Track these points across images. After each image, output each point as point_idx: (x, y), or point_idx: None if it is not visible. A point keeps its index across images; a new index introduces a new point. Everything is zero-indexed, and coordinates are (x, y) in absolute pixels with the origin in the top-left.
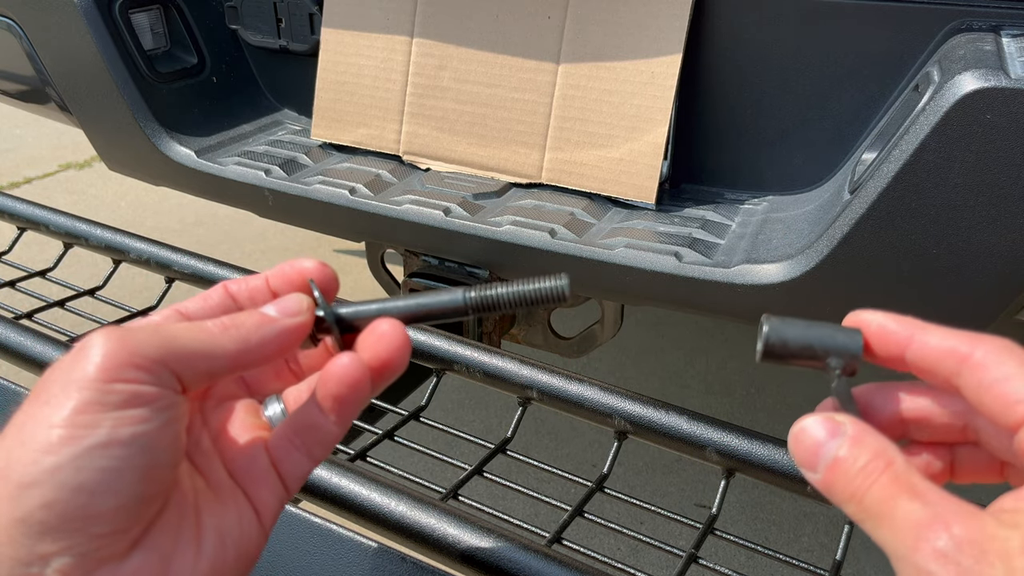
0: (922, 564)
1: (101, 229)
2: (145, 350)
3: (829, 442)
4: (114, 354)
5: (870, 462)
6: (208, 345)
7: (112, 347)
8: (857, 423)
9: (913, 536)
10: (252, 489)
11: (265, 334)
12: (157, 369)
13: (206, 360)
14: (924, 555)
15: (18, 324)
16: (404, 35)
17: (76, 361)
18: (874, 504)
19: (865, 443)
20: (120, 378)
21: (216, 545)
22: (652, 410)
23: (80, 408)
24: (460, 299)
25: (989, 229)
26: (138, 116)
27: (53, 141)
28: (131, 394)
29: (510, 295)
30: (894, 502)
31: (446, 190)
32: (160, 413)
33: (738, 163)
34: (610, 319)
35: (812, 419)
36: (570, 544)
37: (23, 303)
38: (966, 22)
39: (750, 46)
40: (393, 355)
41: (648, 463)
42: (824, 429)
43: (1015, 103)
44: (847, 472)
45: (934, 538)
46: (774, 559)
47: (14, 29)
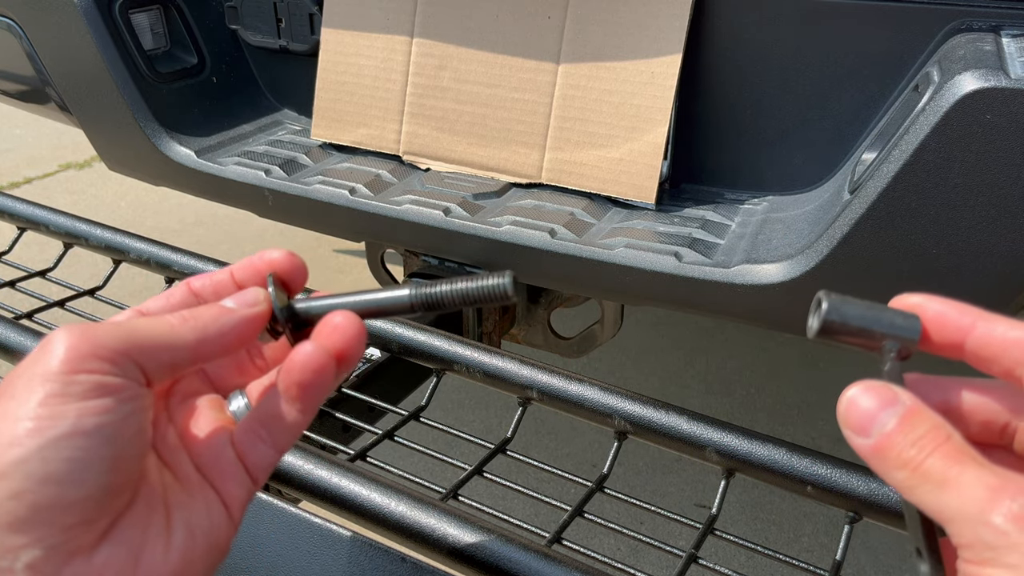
0: (999, 524)
1: (101, 229)
2: (107, 342)
3: (886, 409)
4: (77, 346)
5: (928, 432)
6: (168, 336)
7: (74, 340)
8: (914, 398)
9: (986, 498)
10: (219, 482)
11: (223, 324)
12: (120, 360)
13: (167, 351)
14: (1000, 515)
15: (18, 324)
16: (404, 35)
17: (40, 356)
18: (937, 469)
19: (924, 415)
20: (83, 369)
21: (186, 537)
22: (652, 410)
23: (44, 400)
24: (406, 297)
25: (989, 229)
26: (138, 116)
27: (53, 141)
28: (95, 384)
29: (453, 293)
30: (961, 467)
31: (446, 190)
32: (124, 404)
33: (738, 163)
34: (610, 319)
35: (868, 384)
36: (570, 544)
37: (23, 303)
38: (966, 22)
39: (750, 46)
40: (349, 343)
41: (648, 463)
42: (878, 398)
43: (1015, 103)
44: (903, 441)
45: (1009, 500)
46: (774, 559)
47: (14, 29)
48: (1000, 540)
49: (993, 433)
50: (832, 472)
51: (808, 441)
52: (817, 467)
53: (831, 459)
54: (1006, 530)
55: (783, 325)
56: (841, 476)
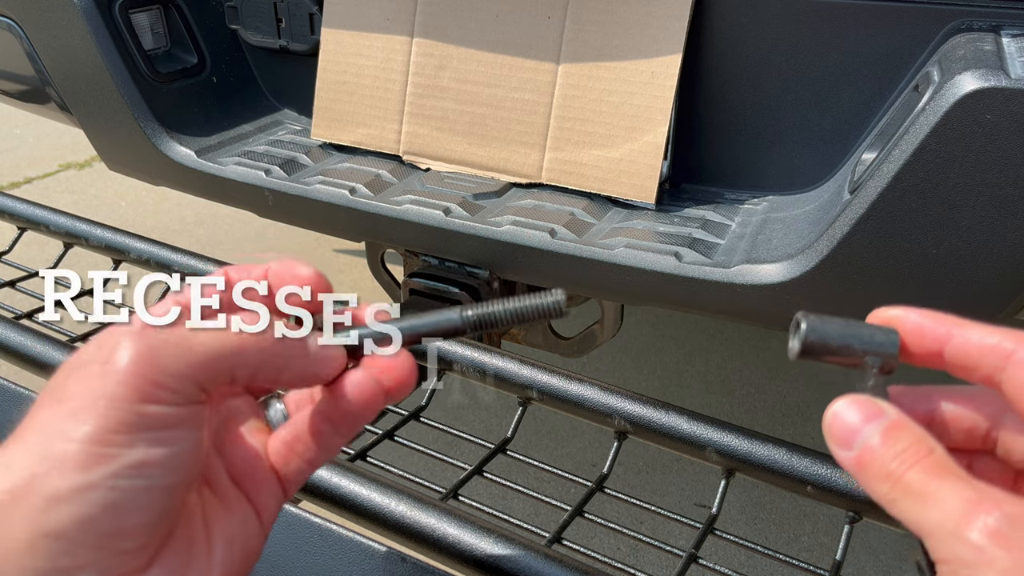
0: (974, 539)
1: (101, 229)
2: (175, 367)
3: (869, 423)
4: (145, 372)
5: (911, 446)
6: (236, 359)
7: (142, 363)
8: (899, 412)
9: (963, 513)
10: (253, 492)
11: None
12: (187, 387)
13: (230, 372)
14: (977, 531)
15: (18, 324)
16: (404, 35)
17: (104, 373)
18: (917, 483)
19: (907, 428)
20: (152, 398)
21: (225, 551)
22: (652, 410)
23: (113, 427)
24: (457, 319)
25: (989, 229)
26: (138, 116)
27: (53, 141)
28: (163, 416)
29: (506, 312)
30: (940, 481)
31: (446, 190)
32: (189, 431)
33: (738, 163)
34: (610, 319)
35: (854, 398)
36: (570, 544)
37: (23, 303)
38: (966, 22)
39: (750, 46)
40: (404, 380)
41: (648, 463)
42: (867, 410)
43: (1015, 103)
44: (885, 454)
45: (986, 515)
46: (774, 559)
47: (14, 29)
48: (976, 556)
49: (977, 440)
50: (832, 472)
51: (808, 441)
52: (817, 467)
53: (831, 459)
54: (982, 545)
55: (783, 325)
56: (841, 476)
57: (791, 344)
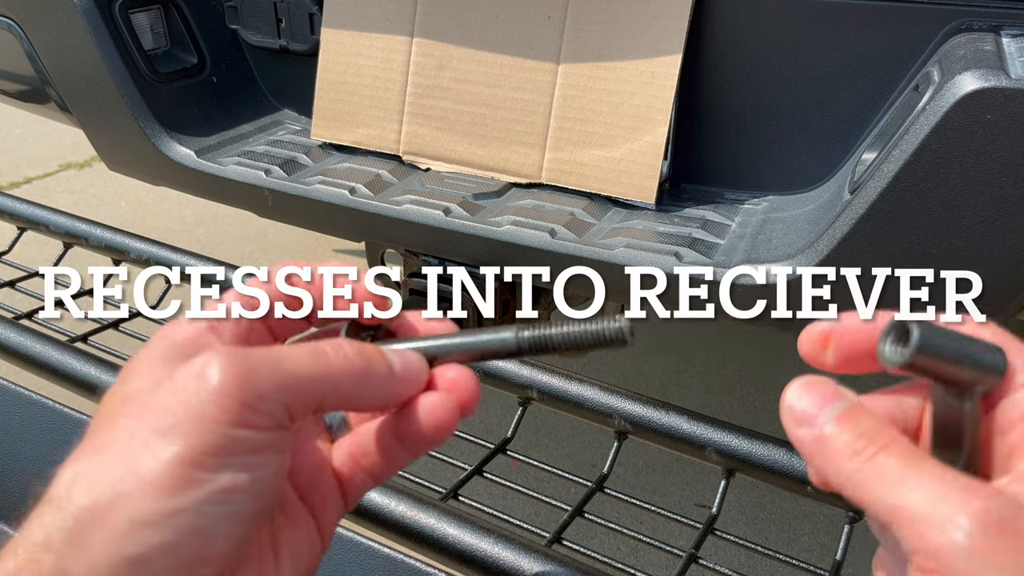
0: (971, 526)
1: (101, 229)
2: (270, 390)
3: (830, 403)
4: (239, 394)
5: (875, 428)
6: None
7: (237, 384)
8: (859, 397)
9: (959, 498)
10: (317, 506)
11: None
12: (277, 411)
13: (321, 397)
14: (974, 517)
15: (18, 324)
16: (404, 35)
17: (197, 391)
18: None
19: (867, 413)
20: (245, 422)
21: (292, 568)
22: (652, 410)
23: (203, 449)
24: (513, 340)
25: (989, 229)
26: (138, 116)
27: (53, 141)
28: (256, 441)
29: (564, 337)
30: (921, 466)
31: (446, 190)
32: (277, 456)
33: (738, 163)
34: None
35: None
36: (570, 544)
37: (23, 303)
38: (966, 22)
39: (750, 46)
40: (474, 400)
41: (648, 463)
42: (822, 390)
43: (1015, 103)
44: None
45: (984, 501)
46: (774, 559)
47: (14, 29)
48: (974, 544)
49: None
50: None
51: None
52: None
53: None
54: (983, 534)
55: (783, 325)
56: None
57: (890, 351)
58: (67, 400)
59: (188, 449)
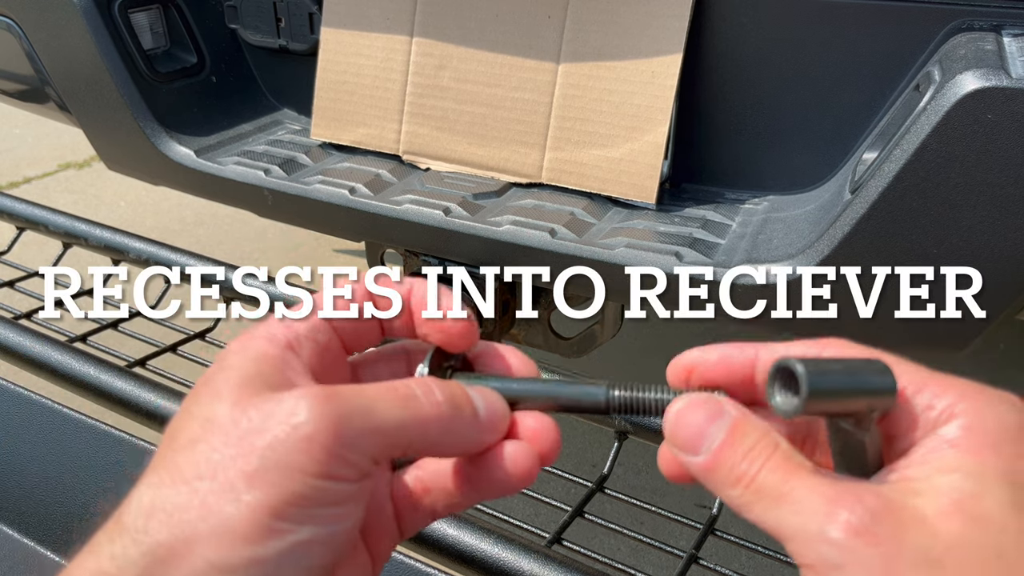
0: (837, 538)
1: (100, 229)
2: (361, 442)
3: (713, 423)
4: (331, 445)
5: (757, 443)
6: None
7: (329, 435)
8: (738, 406)
9: (824, 511)
10: (374, 540)
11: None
12: (364, 462)
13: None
14: (839, 528)
15: (17, 324)
16: (404, 34)
17: (287, 437)
18: (770, 484)
19: (750, 424)
20: (333, 474)
21: None
22: None
23: (290, 500)
24: (603, 398)
25: (990, 229)
26: (137, 116)
27: (52, 141)
28: (340, 492)
29: (659, 403)
30: (795, 480)
31: (446, 190)
32: (356, 507)
33: (738, 163)
34: (610, 319)
35: (688, 401)
36: (570, 545)
37: (22, 303)
38: (967, 21)
39: (751, 45)
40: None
41: (648, 463)
42: (704, 412)
43: (1016, 103)
44: (733, 455)
45: (848, 512)
46: (775, 560)
47: (13, 29)
48: (843, 557)
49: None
50: None
51: None
52: None
53: None
54: (847, 545)
55: (783, 325)
56: None
57: (781, 401)
58: (66, 400)
59: (273, 498)
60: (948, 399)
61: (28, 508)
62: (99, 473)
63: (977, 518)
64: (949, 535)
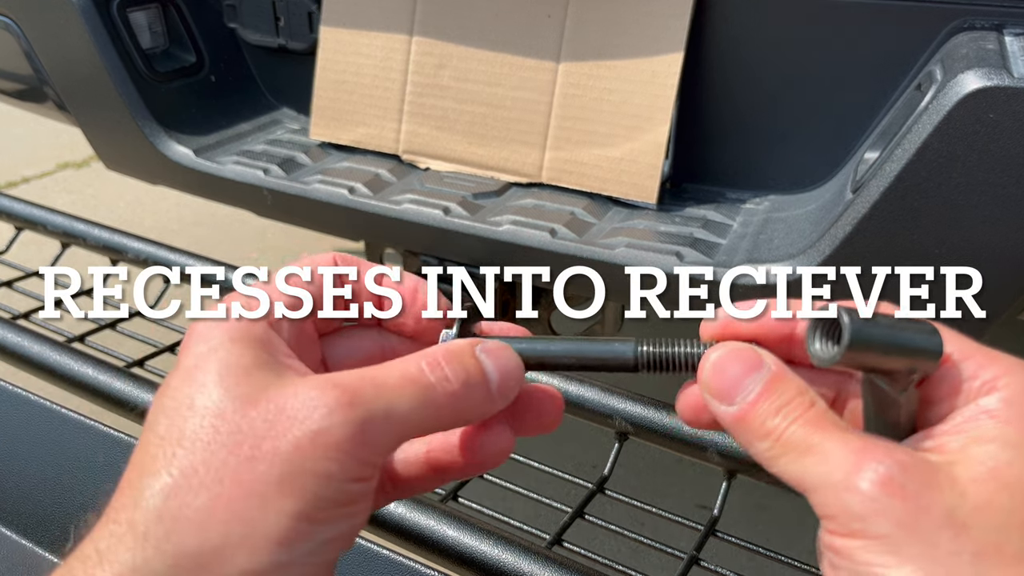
0: (865, 489)
1: (99, 229)
2: (385, 444)
3: (750, 375)
4: (357, 451)
5: (792, 399)
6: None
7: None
8: (778, 361)
9: (851, 462)
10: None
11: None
12: (384, 458)
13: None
14: (866, 480)
15: (15, 324)
16: (403, 33)
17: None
18: (799, 438)
19: (788, 380)
20: (359, 477)
21: None
22: (653, 411)
23: (320, 505)
24: (631, 353)
25: (992, 228)
26: (136, 115)
27: (51, 140)
28: (364, 491)
29: (691, 356)
30: (824, 433)
31: (446, 189)
32: (371, 504)
33: (739, 162)
34: (610, 319)
35: (728, 350)
36: (571, 546)
37: (21, 303)
38: (969, 21)
39: (752, 45)
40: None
41: (649, 464)
42: (743, 362)
43: (1018, 102)
44: (767, 408)
45: (877, 463)
46: (776, 561)
47: (12, 28)
48: (867, 507)
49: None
50: None
51: None
52: None
53: None
54: (874, 495)
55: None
56: None
57: (820, 348)
58: (65, 401)
59: (304, 504)
60: (992, 371)
61: (26, 509)
62: (98, 474)
63: (1009, 486)
64: (978, 498)
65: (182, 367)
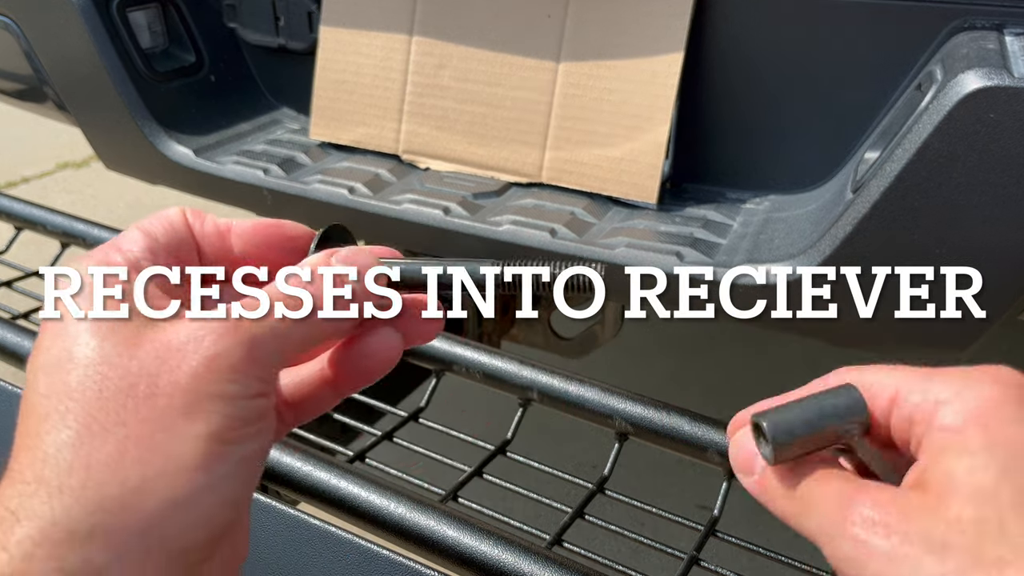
0: (853, 533)
1: (99, 229)
2: (269, 359)
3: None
4: (251, 369)
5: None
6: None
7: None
8: None
9: (840, 510)
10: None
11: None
12: (274, 377)
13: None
14: (853, 524)
15: (15, 324)
16: (403, 33)
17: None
18: (803, 495)
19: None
20: (260, 392)
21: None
22: (653, 411)
23: (230, 424)
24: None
25: (992, 228)
26: (135, 115)
27: (51, 140)
28: (265, 407)
29: (536, 277)
30: (820, 488)
31: (446, 189)
32: (274, 422)
33: (740, 162)
34: (610, 319)
35: (745, 429)
36: (571, 546)
37: (20, 303)
38: (969, 20)
39: (752, 45)
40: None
41: (649, 464)
42: (752, 437)
43: (1018, 102)
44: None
45: (860, 507)
46: (776, 561)
47: (11, 28)
48: (859, 551)
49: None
50: None
51: None
52: None
53: None
54: (862, 539)
55: (784, 325)
56: None
57: (764, 452)
58: None
59: (215, 425)
60: (935, 390)
61: None
62: None
63: (972, 494)
64: (948, 514)
65: (47, 327)
